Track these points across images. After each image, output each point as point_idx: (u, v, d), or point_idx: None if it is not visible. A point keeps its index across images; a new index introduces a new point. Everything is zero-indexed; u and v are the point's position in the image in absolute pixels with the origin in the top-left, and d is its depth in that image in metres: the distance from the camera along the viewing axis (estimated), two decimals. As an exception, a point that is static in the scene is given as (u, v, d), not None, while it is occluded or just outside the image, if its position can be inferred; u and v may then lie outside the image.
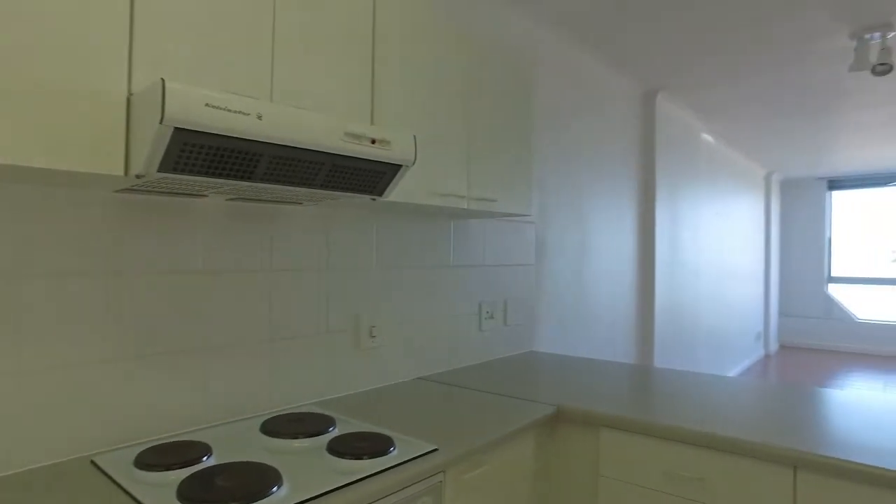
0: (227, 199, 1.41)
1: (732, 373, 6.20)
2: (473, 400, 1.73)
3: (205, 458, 1.15)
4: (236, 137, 0.98)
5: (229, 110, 0.95)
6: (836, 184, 8.20)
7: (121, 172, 0.98)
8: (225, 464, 1.12)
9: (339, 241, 1.74)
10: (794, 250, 8.30)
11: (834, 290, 8.24)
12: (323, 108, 1.33)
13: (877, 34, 2.91)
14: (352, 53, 1.40)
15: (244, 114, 0.97)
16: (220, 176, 1.04)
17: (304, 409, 1.56)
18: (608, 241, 3.45)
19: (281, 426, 1.36)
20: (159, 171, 0.96)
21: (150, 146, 0.93)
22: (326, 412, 1.53)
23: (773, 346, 7.77)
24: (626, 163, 3.67)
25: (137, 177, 1.00)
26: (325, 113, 1.26)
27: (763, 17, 2.80)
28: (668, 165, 4.11)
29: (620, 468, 1.55)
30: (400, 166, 1.33)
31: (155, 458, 1.13)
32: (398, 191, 1.52)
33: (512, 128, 1.96)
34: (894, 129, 5.21)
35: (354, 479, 1.08)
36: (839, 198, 8.31)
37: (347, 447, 1.22)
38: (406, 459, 1.19)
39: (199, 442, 1.24)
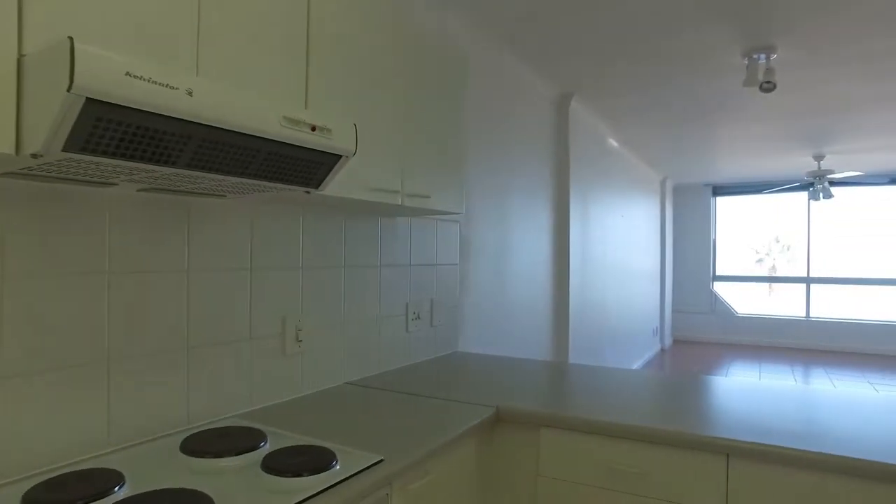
0: (138, 189, 1.24)
1: (634, 366, 6.55)
2: (409, 404, 1.65)
3: (117, 489, 0.99)
4: (163, 115, 0.85)
5: (155, 82, 0.82)
6: (719, 190, 8.94)
7: (10, 150, 0.82)
8: (144, 493, 0.97)
9: (265, 238, 1.60)
10: (684, 251, 8.94)
11: (718, 287, 8.98)
12: (252, 87, 1.21)
13: (763, 55, 3.17)
14: (284, 30, 1.28)
15: (172, 87, 0.84)
16: (138, 159, 0.90)
17: (229, 423, 1.41)
18: (526, 240, 3.50)
19: (205, 444, 1.20)
20: (65, 150, 0.81)
21: (52, 119, 0.77)
22: (255, 425, 1.39)
23: (668, 341, 8.33)
24: (543, 163, 3.75)
25: (34, 156, 0.83)
26: (254, 92, 1.14)
27: (669, 30, 2.95)
28: (580, 168, 4.25)
29: (561, 467, 1.54)
30: (339, 157, 1.23)
31: (50, 495, 0.95)
32: (332, 184, 1.41)
33: (444, 124, 1.91)
34: (770, 142, 5.75)
35: (299, 499, 0.98)
36: (722, 203, 9.08)
37: (285, 464, 1.10)
38: (352, 473, 1.09)
39: (107, 469, 1.07)
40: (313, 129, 1.13)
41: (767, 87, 3.15)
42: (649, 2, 2.64)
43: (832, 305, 8.35)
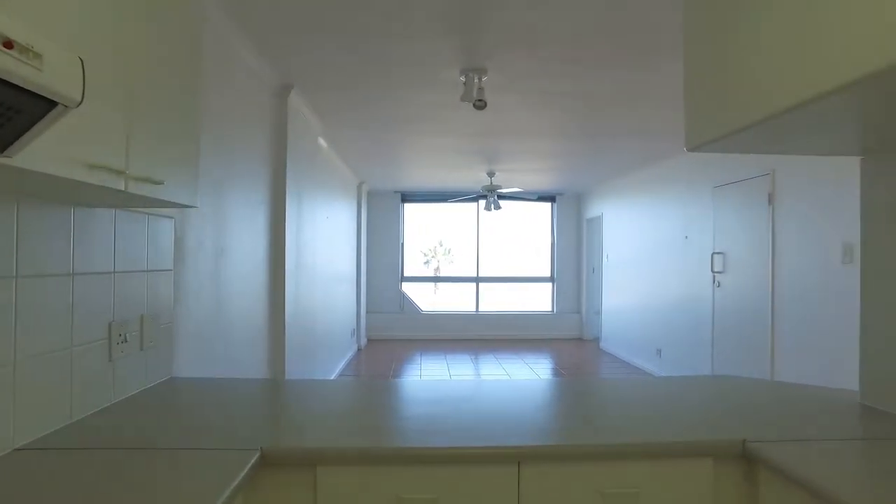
0: None
1: (337, 369, 6.53)
2: (126, 468, 1.19)
3: None
4: None
5: None
6: (407, 197, 9.68)
7: None
8: None
9: None
10: (376, 254, 9.38)
11: (405, 287, 9.71)
12: None
13: (477, 75, 3.46)
14: None
15: None
16: None
17: None
18: (244, 242, 3.09)
19: None
20: None
21: None
22: None
23: (363, 341, 8.60)
24: (261, 157, 3.38)
25: None
26: None
27: (393, 36, 2.94)
28: (296, 165, 3.99)
29: (345, 509, 1.32)
30: (55, 105, 0.78)
31: None
32: (27, 151, 0.90)
33: (180, 91, 1.47)
34: (457, 155, 6.43)
35: None
36: (409, 209, 9.85)
37: None
38: None
39: None
40: (8, 45, 0.68)
41: (479, 104, 3.44)
42: (379, 4, 2.58)
43: (495, 300, 9.91)
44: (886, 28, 0.91)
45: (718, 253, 5.25)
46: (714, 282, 5.33)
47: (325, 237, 5.61)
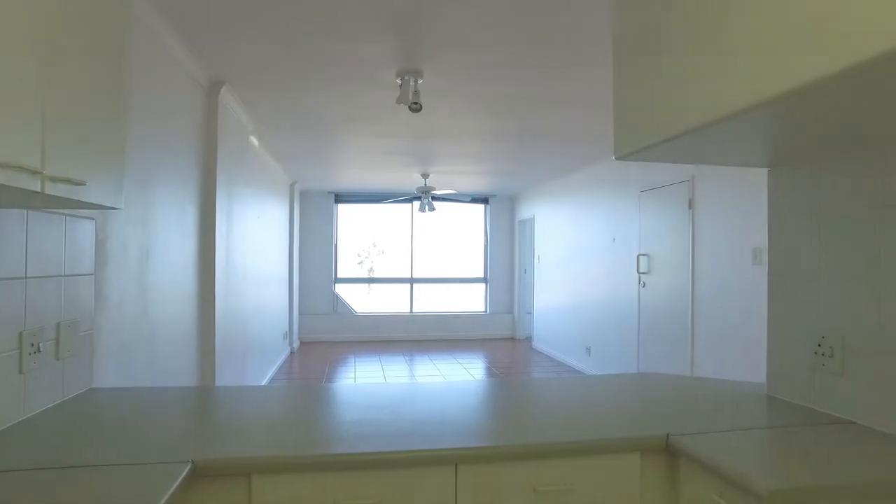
0: None
1: (270, 373, 6.36)
2: (49, 488, 1.12)
3: None
4: None
5: None
6: (340, 198, 9.55)
7: None
8: None
9: None
10: (309, 255, 9.20)
11: (339, 289, 9.58)
12: None
13: (412, 78, 3.47)
14: None
15: None
16: None
17: None
18: (171, 243, 2.96)
19: None
20: None
21: None
22: None
23: (296, 343, 8.41)
24: (190, 155, 3.25)
25: None
26: None
27: (330, 36, 2.91)
28: (226, 164, 3.86)
29: (282, 518, 1.29)
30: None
31: None
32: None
33: (103, 84, 1.40)
34: (392, 157, 6.41)
35: None
36: (342, 210, 9.72)
37: None
38: None
39: None
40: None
41: (415, 107, 3.45)
42: (314, 2, 2.54)
43: (429, 301, 9.94)
44: (776, 63, 1.02)
45: (644, 254, 5.51)
46: (640, 282, 5.59)
47: (257, 238, 5.46)
